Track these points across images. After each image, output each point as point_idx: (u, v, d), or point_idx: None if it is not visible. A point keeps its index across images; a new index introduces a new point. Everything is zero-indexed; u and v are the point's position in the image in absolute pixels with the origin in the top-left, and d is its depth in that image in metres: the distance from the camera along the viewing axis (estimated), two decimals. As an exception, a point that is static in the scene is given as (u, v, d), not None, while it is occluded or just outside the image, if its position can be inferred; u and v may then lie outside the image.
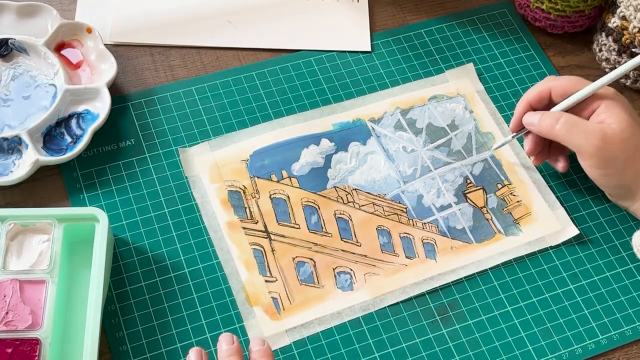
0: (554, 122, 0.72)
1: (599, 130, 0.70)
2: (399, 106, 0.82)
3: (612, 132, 0.70)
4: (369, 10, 0.89)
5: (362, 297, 0.71)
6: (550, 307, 0.71)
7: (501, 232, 0.75)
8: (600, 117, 0.72)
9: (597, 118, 0.72)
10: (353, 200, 0.76)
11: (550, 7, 0.85)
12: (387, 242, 0.74)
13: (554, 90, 0.74)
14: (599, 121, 0.71)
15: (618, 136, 0.70)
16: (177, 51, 0.85)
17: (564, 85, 0.73)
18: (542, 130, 0.73)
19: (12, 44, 0.80)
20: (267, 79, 0.83)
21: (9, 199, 0.74)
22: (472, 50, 0.87)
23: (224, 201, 0.75)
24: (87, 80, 0.80)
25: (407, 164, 0.79)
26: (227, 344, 0.66)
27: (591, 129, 0.70)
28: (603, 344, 0.70)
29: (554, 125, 0.72)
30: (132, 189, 0.75)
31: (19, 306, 0.64)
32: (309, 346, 0.68)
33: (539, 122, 0.73)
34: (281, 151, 0.78)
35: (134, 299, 0.69)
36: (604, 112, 0.71)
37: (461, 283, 0.72)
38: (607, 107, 0.71)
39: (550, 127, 0.72)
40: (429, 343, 0.69)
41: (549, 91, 0.74)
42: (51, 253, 0.66)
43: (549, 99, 0.74)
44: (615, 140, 0.70)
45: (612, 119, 0.71)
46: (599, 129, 0.70)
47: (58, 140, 0.76)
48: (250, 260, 0.72)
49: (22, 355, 0.62)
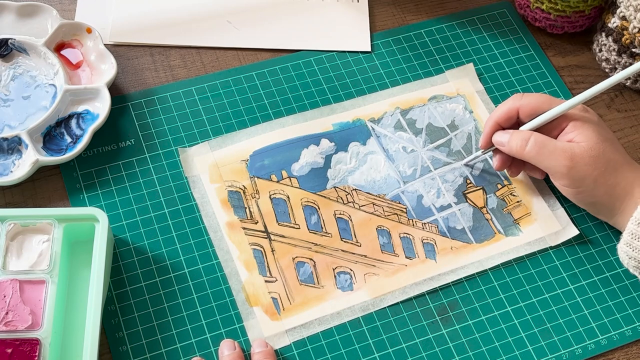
0: (523, 144, 0.71)
1: (568, 149, 0.69)
2: (399, 106, 0.82)
3: (580, 151, 0.69)
4: (369, 10, 0.89)
5: (362, 297, 0.71)
6: (550, 308, 0.71)
7: (501, 233, 0.75)
8: (568, 135, 0.71)
9: (566, 137, 0.71)
10: (353, 201, 0.76)
11: (550, 8, 0.85)
12: (387, 242, 0.74)
13: (522, 109, 0.73)
14: (568, 140, 0.71)
15: (587, 154, 0.69)
16: (177, 51, 0.85)
17: (532, 104, 0.72)
18: (512, 150, 0.72)
19: (12, 44, 0.80)
20: (267, 79, 0.83)
21: (9, 199, 0.74)
22: (472, 50, 0.87)
23: (224, 201, 0.75)
24: (87, 80, 0.80)
25: (407, 164, 0.79)
26: (229, 349, 0.66)
27: (560, 148, 0.70)
28: (603, 344, 0.70)
29: (524, 146, 0.71)
30: (132, 189, 0.75)
31: (19, 306, 0.64)
32: (309, 346, 0.68)
33: (508, 143, 0.72)
34: (281, 151, 0.78)
35: (134, 299, 0.69)
36: (573, 131, 0.71)
37: (461, 283, 0.72)
38: (575, 126, 0.71)
39: (520, 148, 0.71)
40: (429, 343, 0.69)
41: (516, 110, 0.73)
42: (51, 253, 0.66)
43: (517, 117, 0.74)
44: (585, 159, 0.69)
45: (580, 137, 0.70)
46: (568, 148, 0.69)
47: (58, 140, 0.76)
48: (250, 260, 0.72)
49: (22, 355, 0.62)
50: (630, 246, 0.67)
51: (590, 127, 0.70)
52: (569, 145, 0.70)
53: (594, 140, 0.70)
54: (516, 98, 0.74)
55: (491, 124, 0.74)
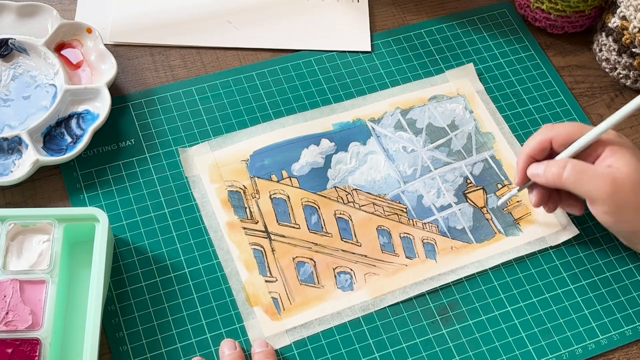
0: (560, 171, 0.68)
1: (608, 174, 0.67)
2: (399, 106, 0.82)
3: (622, 176, 0.66)
4: (369, 10, 0.89)
5: (362, 297, 0.71)
6: (550, 307, 0.71)
7: (501, 232, 0.75)
8: (606, 161, 0.68)
9: (604, 162, 0.68)
10: (353, 201, 0.76)
11: (550, 7, 0.85)
12: (387, 242, 0.74)
13: (555, 139, 0.70)
14: (607, 165, 0.68)
15: (628, 179, 0.66)
16: (177, 51, 0.85)
17: (564, 133, 0.70)
18: (549, 180, 0.69)
19: (12, 44, 0.80)
20: (267, 79, 0.83)
21: (9, 199, 0.74)
22: (472, 50, 0.87)
23: (224, 201, 0.75)
24: (87, 80, 0.80)
25: (407, 164, 0.79)
26: (230, 349, 0.66)
27: (601, 173, 0.67)
28: (603, 344, 0.70)
29: (561, 173, 0.68)
30: (132, 189, 0.75)
31: (19, 306, 0.64)
32: (309, 346, 0.68)
33: (544, 173, 0.69)
34: (281, 151, 0.78)
35: (134, 299, 0.69)
36: (611, 156, 0.68)
37: (461, 283, 0.72)
38: (613, 151, 0.68)
39: (557, 175, 0.68)
40: (429, 343, 0.69)
41: (549, 141, 0.70)
42: (51, 253, 0.66)
43: (550, 148, 0.71)
44: (626, 185, 0.66)
45: (619, 162, 0.67)
46: (608, 173, 0.67)
47: (58, 140, 0.76)
48: (250, 260, 0.72)
49: (22, 355, 0.62)
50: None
51: (628, 152, 0.68)
52: (609, 170, 0.67)
53: (633, 165, 0.67)
54: (547, 128, 0.71)
55: (524, 157, 0.71)
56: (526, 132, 0.81)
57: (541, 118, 0.82)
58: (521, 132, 0.81)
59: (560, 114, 0.83)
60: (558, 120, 0.82)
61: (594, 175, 0.67)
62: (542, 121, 0.82)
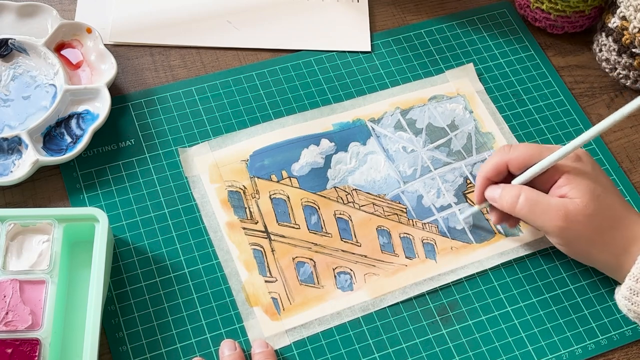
0: (514, 200, 0.67)
1: (561, 207, 0.65)
2: (399, 106, 0.82)
3: (574, 209, 0.65)
4: (369, 10, 0.89)
5: (362, 297, 0.71)
6: (550, 308, 0.71)
7: (501, 233, 0.75)
8: (561, 190, 0.67)
9: (559, 191, 0.67)
10: (353, 201, 0.76)
11: (550, 8, 0.85)
12: (387, 243, 0.74)
13: (510, 162, 0.69)
14: (561, 195, 0.67)
15: (581, 213, 0.65)
16: (177, 51, 0.85)
17: (521, 157, 0.68)
18: (504, 208, 0.68)
19: (12, 44, 0.80)
20: (267, 79, 0.83)
21: (9, 199, 0.74)
22: (472, 50, 0.87)
23: (224, 201, 0.75)
24: (87, 80, 0.80)
25: (407, 164, 0.79)
26: (230, 349, 0.66)
27: (553, 207, 0.66)
28: (603, 345, 0.70)
29: (514, 203, 0.67)
30: (132, 189, 0.75)
31: (19, 306, 0.64)
32: (309, 346, 0.68)
33: (499, 199, 0.69)
34: (281, 151, 0.78)
35: (134, 299, 0.69)
36: (565, 185, 0.67)
37: (461, 283, 0.72)
38: (568, 179, 0.67)
39: (511, 205, 0.68)
40: (429, 343, 0.69)
41: (505, 164, 0.69)
42: (51, 253, 0.66)
43: (507, 171, 0.70)
44: (579, 218, 0.65)
45: (573, 192, 0.66)
46: (561, 206, 0.65)
47: (58, 140, 0.76)
48: (250, 260, 0.72)
49: (22, 355, 0.62)
50: (630, 300, 0.64)
51: (584, 181, 0.66)
52: (562, 202, 0.66)
53: (588, 195, 0.65)
54: (504, 151, 0.69)
55: (481, 180, 0.71)
56: (526, 132, 0.81)
57: (541, 118, 0.82)
58: (521, 132, 0.81)
59: (560, 114, 0.83)
60: (558, 120, 0.82)
61: (546, 208, 0.66)
62: (542, 121, 0.82)
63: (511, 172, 0.70)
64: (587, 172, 0.67)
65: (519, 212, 0.68)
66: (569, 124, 0.82)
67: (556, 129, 0.82)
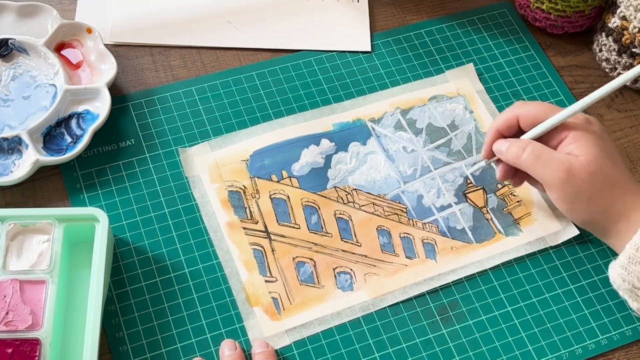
0: (520, 152, 0.68)
1: (565, 162, 0.66)
2: (399, 106, 0.82)
3: (578, 165, 0.66)
4: (369, 10, 0.89)
5: (362, 297, 0.71)
6: (550, 307, 0.71)
7: (501, 232, 0.75)
8: (568, 147, 0.68)
9: (565, 149, 0.68)
10: (353, 201, 0.76)
11: (551, 8, 0.85)
12: (387, 242, 0.74)
13: (521, 118, 0.70)
14: (567, 152, 0.68)
15: (584, 170, 0.66)
16: (177, 51, 0.85)
17: (532, 113, 0.70)
18: (509, 159, 0.70)
19: (12, 44, 0.80)
20: (267, 79, 0.83)
21: (9, 199, 0.74)
22: (472, 50, 0.87)
23: (224, 201, 0.75)
24: (87, 80, 0.80)
25: (407, 164, 0.79)
26: (230, 349, 0.66)
27: (557, 160, 0.67)
28: (603, 344, 0.70)
29: (520, 154, 0.68)
30: (132, 189, 0.75)
31: (19, 306, 0.64)
32: (309, 346, 0.68)
33: (506, 151, 0.70)
34: (281, 151, 0.78)
35: (134, 299, 0.69)
36: (572, 143, 0.68)
37: (461, 283, 0.72)
38: (576, 138, 0.68)
39: (516, 156, 0.69)
40: (429, 343, 0.69)
41: (516, 118, 0.70)
42: (51, 253, 0.66)
43: (517, 126, 0.71)
44: (581, 174, 0.66)
45: (579, 150, 0.67)
46: (565, 160, 0.67)
47: (58, 140, 0.76)
48: (250, 260, 0.72)
49: (22, 355, 0.62)
50: (627, 269, 0.64)
51: (591, 140, 0.67)
52: (566, 157, 0.67)
53: (593, 155, 0.66)
54: (517, 106, 0.71)
55: (492, 132, 0.72)
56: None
57: (541, 118, 0.82)
58: (521, 132, 0.81)
59: (560, 114, 0.83)
60: (558, 120, 0.82)
61: (550, 161, 0.67)
62: (542, 121, 0.82)
63: (522, 127, 0.71)
64: (595, 133, 0.68)
65: (524, 163, 0.68)
66: (569, 123, 0.82)
67: (556, 128, 0.82)
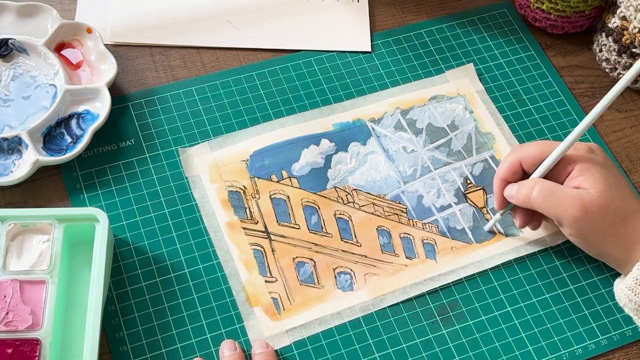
0: (529, 192, 0.68)
1: (576, 197, 0.66)
2: (399, 106, 0.82)
3: (589, 200, 0.66)
4: (369, 10, 0.89)
5: (362, 297, 0.71)
6: (550, 308, 0.71)
7: (501, 233, 0.75)
8: (575, 181, 0.68)
9: (573, 182, 0.68)
10: (353, 201, 0.76)
11: (551, 8, 0.85)
12: (387, 243, 0.74)
13: (523, 160, 0.70)
14: (575, 185, 0.68)
15: (595, 203, 0.66)
16: (177, 51, 0.85)
17: (533, 153, 0.70)
18: (520, 201, 0.69)
19: (12, 44, 0.80)
20: (267, 79, 0.83)
21: (9, 199, 0.74)
22: (472, 50, 0.87)
23: (224, 201, 0.75)
24: (87, 80, 0.80)
25: (407, 164, 0.79)
26: (230, 350, 0.66)
27: (569, 196, 0.66)
28: (603, 345, 0.70)
29: (529, 194, 0.68)
30: (132, 189, 0.75)
31: (19, 306, 0.64)
32: (309, 346, 0.68)
33: (516, 193, 0.69)
34: (281, 151, 0.78)
35: (134, 299, 0.69)
36: (579, 176, 0.68)
37: (461, 283, 0.72)
38: (582, 170, 0.68)
39: (526, 197, 0.68)
40: (429, 343, 0.69)
41: (519, 163, 0.70)
42: (51, 253, 0.66)
43: (522, 170, 0.71)
44: (593, 209, 0.66)
45: (587, 183, 0.67)
46: (576, 196, 0.66)
47: (58, 140, 0.76)
48: (250, 260, 0.72)
49: (22, 355, 0.62)
50: (634, 291, 0.64)
51: (598, 172, 0.67)
52: (577, 192, 0.66)
53: (602, 186, 0.66)
54: (516, 150, 0.71)
55: (498, 182, 0.72)
56: (526, 132, 0.81)
57: (541, 118, 0.82)
58: (521, 133, 0.81)
59: (560, 114, 0.83)
60: (558, 120, 0.82)
61: (562, 198, 0.67)
62: (542, 121, 0.82)
63: (525, 170, 0.71)
64: (599, 163, 0.68)
65: (534, 203, 0.68)
66: (569, 124, 0.82)
67: (556, 129, 0.82)
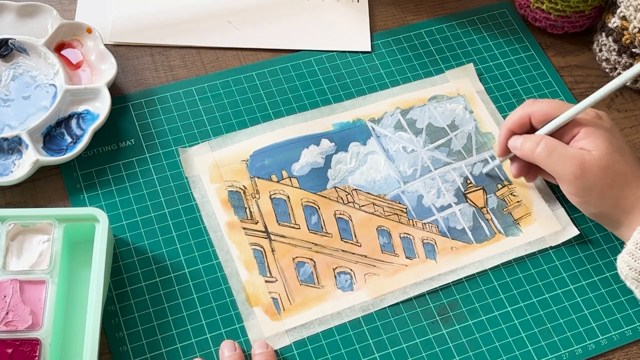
0: (534, 146, 0.70)
1: (577, 156, 0.68)
2: (399, 106, 0.82)
3: (590, 160, 0.68)
4: (369, 10, 0.89)
5: (362, 297, 0.71)
6: (550, 308, 0.71)
7: (501, 233, 0.75)
8: (579, 143, 0.70)
9: (577, 144, 0.70)
10: (353, 201, 0.76)
11: (551, 8, 0.85)
12: (387, 243, 0.74)
13: (533, 115, 0.72)
14: (579, 147, 0.70)
15: (596, 164, 0.68)
16: (177, 51, 0.85)
17: (543, 110, 0.72)
18: (524, 154, 0.72)
19: (12, 44, 0.80)
20: (267, 79, 0.83)
21: (9, 199, 0.74)
22: (472, 50, 0.87)
23: (224, 201, 0.75)
24: (87, 80, 0.80)
25: (407, 164, 0.79)
26: (230, 350, 0.66)
27: (570, 155, 0.69)
28: (603, 345, 0.70)
29: (534, 149, 0.70)
30: (132, 189, 0.75)
31: (19, 306, 0.64)
32: (309, 346, 0.68)
33: (521, 146, 0.72)
34: (281, 151, 0.78)
35: (134, 299, 0.69)
36: (583, 139, 0.70)
37: (461, 283, 0.72)
38: (587, 133, 0.70)
39: (530, 151, 0.71)
40: (429, 343, 0.69)
41: (528, 116, 0.72)
42: (51, 253, 0.66)
43: (530, 124, 0.73)
44: (593, 169, 0.68)
45: (590, 145, 0.69)
46: (578, 155, 0.68)
47: (58, 140, 0.76)
48: (250, 260, 0.72)
49: (22, 355, 0.62)
50: (633, 256, 0.66)
51: (602, 135, 0.69)
52: (579, 152, 0.69)
53: (604, 149, 0.68)
54: (528, 104, 0.73)
55: (504, 131, 0.74)
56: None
57: (541, 118, 0.82)
58: (521, 132, 0.81)
59: (560, 114, 0.83)
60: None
61: (564, 155, 0.69)
62: (542, 121, 0.82)
63: (533, 125, 0.73)
64: (605, 128, 0.70)
65: (538, 157, 0.70)
66: (569, 124, 0.82)
67: (556, 129, 0.82)
